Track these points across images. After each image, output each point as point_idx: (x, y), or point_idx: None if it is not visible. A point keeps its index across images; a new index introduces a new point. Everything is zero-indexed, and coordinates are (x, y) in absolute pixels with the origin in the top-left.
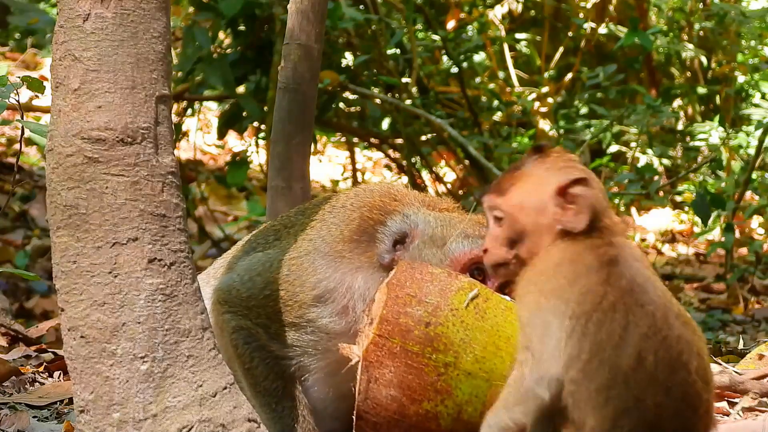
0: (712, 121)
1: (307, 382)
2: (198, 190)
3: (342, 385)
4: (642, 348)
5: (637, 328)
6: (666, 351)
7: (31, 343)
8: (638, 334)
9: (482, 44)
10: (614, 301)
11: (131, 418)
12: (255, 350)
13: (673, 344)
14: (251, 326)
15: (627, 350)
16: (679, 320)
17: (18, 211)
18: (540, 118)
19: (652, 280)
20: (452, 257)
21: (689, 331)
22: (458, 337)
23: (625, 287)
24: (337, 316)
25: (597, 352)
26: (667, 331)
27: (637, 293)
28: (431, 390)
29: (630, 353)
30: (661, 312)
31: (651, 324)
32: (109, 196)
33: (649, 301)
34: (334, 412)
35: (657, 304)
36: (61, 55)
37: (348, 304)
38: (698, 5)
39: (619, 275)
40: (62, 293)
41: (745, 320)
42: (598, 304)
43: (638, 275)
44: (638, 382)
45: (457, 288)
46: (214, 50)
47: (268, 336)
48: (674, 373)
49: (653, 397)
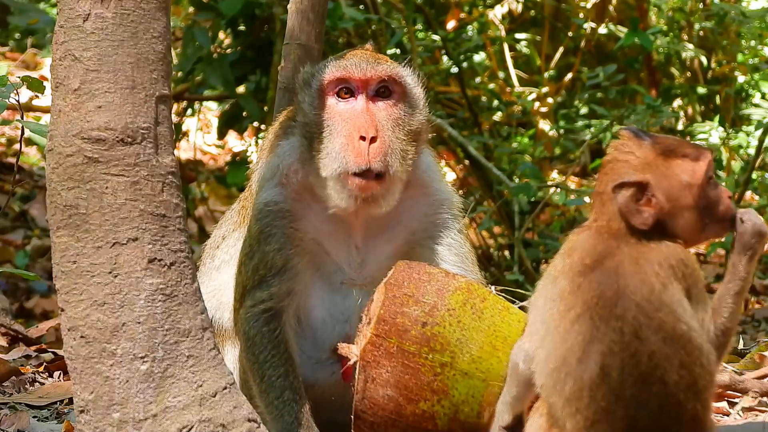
0: (712, 121)
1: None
2: (198, 190)
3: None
4: (605, 364)
5: (600, 345)
6: (635, 367)
7: (31, 343)
8: (600, 351)
9: (482, 44)
10: (580, 314)
11: (131, 418)
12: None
13: (644, 360)
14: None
15: (590, 365)
16: (659, 335)
17: (18, 211)
18: (540, 118)
19: (628, 292)
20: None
21: (671, 345)
22: (455, 337)
23: (590, 301)
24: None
25: (563, 364)
26: (637, 346)
27: (602, 308)
28: (428, 390)
29: (593, 368)
30: (630, 328)
31: (616, 340)
32: (109, 196)
33: (617, 317)
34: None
35: (626, 320)
36: (61, 55)
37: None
38: (698, 5)
39: (589, 286)
40: (62, 293)
41: (745, 320)
42: (566, 313)
43: (610, 287)
44: (605, 396)
45: (454, 288)
46: (214, 50)
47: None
48: (646, 387)
49: (624, 410)
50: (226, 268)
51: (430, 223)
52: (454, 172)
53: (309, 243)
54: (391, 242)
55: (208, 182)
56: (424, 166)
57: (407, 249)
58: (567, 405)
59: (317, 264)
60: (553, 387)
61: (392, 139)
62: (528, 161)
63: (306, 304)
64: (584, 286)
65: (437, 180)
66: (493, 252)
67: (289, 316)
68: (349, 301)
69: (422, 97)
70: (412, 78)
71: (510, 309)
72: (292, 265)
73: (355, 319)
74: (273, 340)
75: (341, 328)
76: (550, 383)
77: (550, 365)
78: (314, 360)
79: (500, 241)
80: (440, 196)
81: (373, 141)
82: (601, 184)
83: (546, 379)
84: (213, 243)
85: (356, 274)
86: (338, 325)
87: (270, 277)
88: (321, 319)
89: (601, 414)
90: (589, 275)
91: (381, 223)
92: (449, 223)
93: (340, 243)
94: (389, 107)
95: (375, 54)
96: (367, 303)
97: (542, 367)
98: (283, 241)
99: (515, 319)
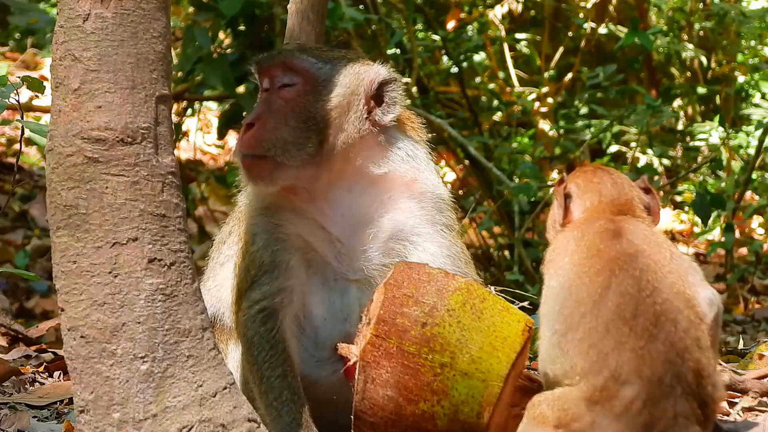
0: (712, 121)
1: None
2: (198, 190)
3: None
4: (621, 302)
5: (619, 287)
6: (650, 306)
7: (31, 343)
8: (619, 291)
9: (482, 44)
10: (600, 268)
11: (131, 418)
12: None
13: (658, 301)
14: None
15: (606, 304)
16: (672, 290)
17: (18, 211)
18: (540, 118)
19: (646, 254)
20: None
21: (681, 302)
22: (455, 338)
23: (611, 257)
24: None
25: (579, 304)
26: (651, 291)
27: (623, 261)
28: (428, 390)
29: (609, 306)
30: (649, 276)
31: (634, 284)
32: (109, 196)
33: (636, 267)
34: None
35: (644, 270)
36: (61, 55)
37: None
38: (698, 5)
39: (611, 247)
40: (62, 293)
41: (745, 320)
42: (584, 273)
43: (631, 247)
44: (618, 329)
45: (453, 288)
46: (214, 50)
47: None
48: (659, 323)
49: (635, 341)
50: (230, 263)
51: (417, 217)
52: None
53: (295, 239)
54: (377, 236)
55: (208, 182)
56: (403, 155)
57: (395, 244)
58: (581, 344)
59: (308, 261)
60: (567, 330)
61: (278, 125)
62: (528, 161)
63: (305, 303)
64: (604, 248)
65: (422, 171)
66: (493, 252)
67: (286, 316)
68: (347, 299)
69: (341, 84)
70: (316, 65)
71: (510, 309)
72: (280, 262)
73: (354, 317)
74: (270, 340)
75: (341, 327)
76: (563, 328)
77: (565, 312)
78: (316, 359)
79: (500, 241)
80: (425, 189)
81: (248, 127)
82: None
83: (561, 325)
84: (220, 238)
85: (345, 268)
86: (338, 323)
87: (261, 275)
88: (321, 317)
89: (615, 346)
90: (607, 241)
91: (353, 214)
92: (436, 217)
93: (320, 237)
94: (289, 95)
95: (285, 46)
96: (367, 303)
97: (555, 318)
98: (267, 238)
99: (515, 319)
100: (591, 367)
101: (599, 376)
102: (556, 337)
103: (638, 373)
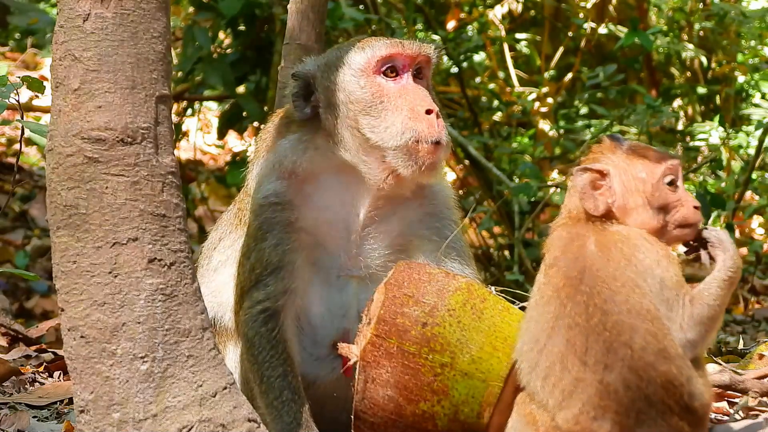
0: (712, 121)
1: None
2: (198, 190)
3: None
4: (570, 335)
5: (566, 319)
6: (598, 334)
7: (31, 343)
8: (566, 324)
9: (482, 44)
10: (549, 297)
11: (131, 418)
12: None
13: (608, 327)
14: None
15: (558, 339)
16: (624, 307)
17: (18, 211)
18: (540, 118)
19: (594, 270)
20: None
21: (636, 317)
22: (455, 338)
23: (558, 284)
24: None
25: (535, 343)
26: (600, 317)
27: (568, 287)
28: (428, 390)
29: (560, 341)
30: (594, 301)
31: (581, 312)
32: (109, 196)
33: (582, 293)
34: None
35: (591, 294)
36: (61, 55)
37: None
38: (698, 5)
39: (557, 272)
40: (62, 293)
41: (745, 320)
42: (540, 300)
43: (575, 268)
44: (573, 365)
45: (454, 288)
46: (214, 50)
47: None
48: (612, 352)
49: (592, 375)
50: (224, 268)
51: (426, 215)
52: (454, 172)
53: (306, 238)
54: (387, 233)
55: (208, 182)
56: None
57: (403, 241)
58: (545, 383)
59: (314, 259)
60: (532, 369)
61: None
62: (528, 161)
63: (305, 302)
64: (552, 273)
65: None
66: (493, 252)
67: (287, 316)
68: (346, 295)
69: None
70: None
71: (510, 309)
72: (288, 262)
73: (352, 313)
74: (271, 340)
75: (339, 323)
76: (527, 367)
77: (525, 348)
78: (314, 357)
79: (500, 241)
80: (435, 188)
81: (437, 115)
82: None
83: (525, 363)
84: (210, 245)
85: (353, 264)
86: (336, 319)
87: (266, 276)
88: (320, 315)
89: (575, 384)
90: (557, 263)
91: (382, 211)
92: (445, 214)
93: (339, 231)
94: (424, 87)
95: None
96: (367, 303)
97: (522, 354)
98: (280, 236)
99: (515, 319)
100: (560, 404)
101: (569, 412)
102: (528, 374)
103: (604, 409)
